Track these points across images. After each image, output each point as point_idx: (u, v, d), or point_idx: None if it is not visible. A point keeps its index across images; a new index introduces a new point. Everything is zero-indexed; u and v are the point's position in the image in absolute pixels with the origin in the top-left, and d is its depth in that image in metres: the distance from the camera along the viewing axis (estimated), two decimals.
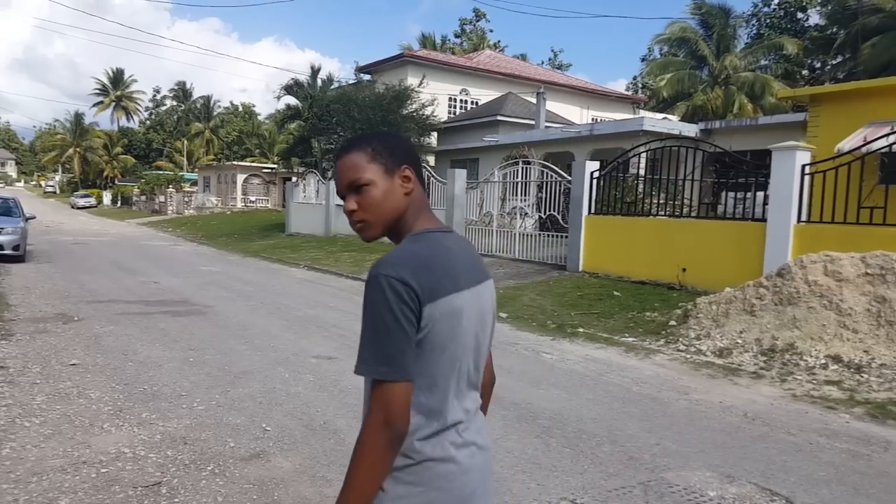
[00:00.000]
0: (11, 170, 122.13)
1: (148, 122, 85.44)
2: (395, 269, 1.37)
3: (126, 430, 4.80)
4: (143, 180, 56.74)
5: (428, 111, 25.56)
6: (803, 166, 10.21)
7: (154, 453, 4.40)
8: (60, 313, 9.32)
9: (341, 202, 1.57)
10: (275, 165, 46.93)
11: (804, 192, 10.23)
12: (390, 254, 1.43)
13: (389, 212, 1.52)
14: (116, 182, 70.96)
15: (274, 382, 6.19)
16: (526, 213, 16.22)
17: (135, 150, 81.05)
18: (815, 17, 35.24)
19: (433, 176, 19.19)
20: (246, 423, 5.04)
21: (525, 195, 16.41)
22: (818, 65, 34.06)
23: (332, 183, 28.99)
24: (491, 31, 59.08)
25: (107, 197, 63.46)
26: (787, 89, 25.21)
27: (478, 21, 57.10)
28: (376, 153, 1.53)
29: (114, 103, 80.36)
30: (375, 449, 1.36)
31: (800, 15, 36.55)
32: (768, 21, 37.46)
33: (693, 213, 12.72)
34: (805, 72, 34.41)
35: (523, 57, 46.13)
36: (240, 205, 45.51)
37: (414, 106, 25.14)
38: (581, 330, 9.28)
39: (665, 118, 24.42)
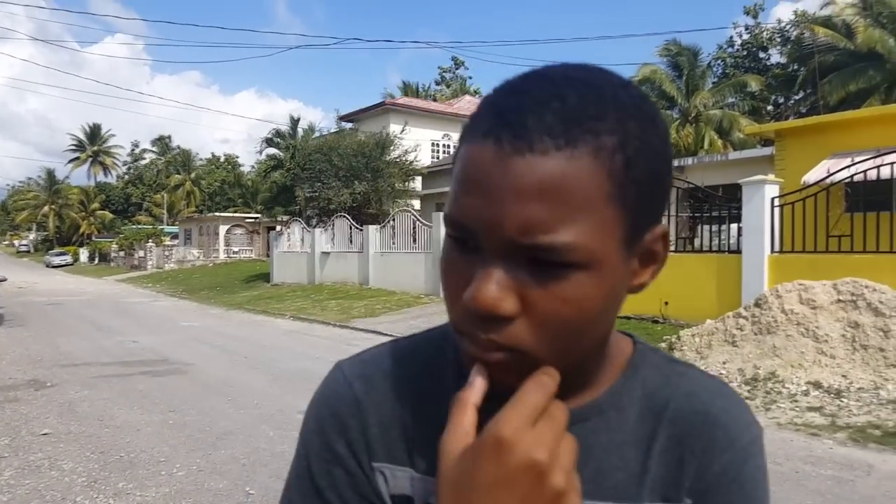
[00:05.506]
0: None
1: (126, 176, 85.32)
2: None
3: (101, 503, 4.70)
4: (121, 235, 56.45)
5: (411, 157, 25.71)
6: (773, 199, 10.44)
7: None
8: (32, 379, 9.12)
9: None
10: (258, 215, 46.83)
11: (775, 223, 10.44)
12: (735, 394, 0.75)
13: (593, 338, 0.63)
14: (94, 238, 70.49)
15: (258, 442, 6.10)
16: None
17: (113, 205, 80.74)
18: (776, 56, 36.61)
19: (419, 220, 19.24)
20: (228, 488, 4.94)
21: None
22: (782, 100, 35.05)
23: (317, 231, 26.15)
24: (470, 77, 60.28)
25: (84, 254, 62.96)
26: (753, 125, 25.73)
27: (457, 69, 58.34)
28: (626, 177, 0.55)
29: (90, 159, 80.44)
30: None
31: (762, 54, 37.78)
32: (733, 61, 38.57)
33: (672, 248, 12.85)
34: (770, 107, 35.30)
35: None
36: (222, 256, 45.27)
37: (397, 152, 25.31)
38: None
39: None
